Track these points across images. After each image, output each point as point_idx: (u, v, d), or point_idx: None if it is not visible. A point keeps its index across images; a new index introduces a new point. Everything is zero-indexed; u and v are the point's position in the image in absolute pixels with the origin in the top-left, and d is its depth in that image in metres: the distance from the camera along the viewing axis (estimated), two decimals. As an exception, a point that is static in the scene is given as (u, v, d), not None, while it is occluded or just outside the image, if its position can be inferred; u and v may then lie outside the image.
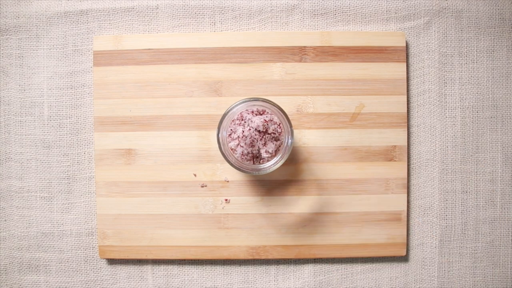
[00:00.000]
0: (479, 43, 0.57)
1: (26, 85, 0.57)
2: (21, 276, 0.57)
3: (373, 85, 0.55)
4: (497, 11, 0.57)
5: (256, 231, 0.56)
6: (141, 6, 0.57)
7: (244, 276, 0.57)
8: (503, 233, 0.57)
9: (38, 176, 0.57)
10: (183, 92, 0.55)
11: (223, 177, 0.56)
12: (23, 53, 0.57)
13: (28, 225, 0.57)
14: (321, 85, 0.55)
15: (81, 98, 0.57)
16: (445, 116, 0.57)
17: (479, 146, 0.57)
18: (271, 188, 0.56)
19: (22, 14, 0.57)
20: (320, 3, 0.57)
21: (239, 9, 0.57)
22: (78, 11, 0.57)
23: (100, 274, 0.57)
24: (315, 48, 0.55)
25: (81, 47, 0.57)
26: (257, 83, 0.55)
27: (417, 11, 0.57)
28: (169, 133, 0.56)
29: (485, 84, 0.57)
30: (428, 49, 0.57)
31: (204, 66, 0.55)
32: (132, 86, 0.55)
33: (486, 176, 0.57)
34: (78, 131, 0.57)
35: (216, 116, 0.55)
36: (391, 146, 0.56)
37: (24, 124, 0.57)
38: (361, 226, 0.56)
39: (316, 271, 0.57)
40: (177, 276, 0.57)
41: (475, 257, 0.57)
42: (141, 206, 0.56)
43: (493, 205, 0.57)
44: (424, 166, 0.57)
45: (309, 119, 0.56)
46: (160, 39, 0.55)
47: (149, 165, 0.56)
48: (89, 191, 0.57)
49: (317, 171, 0.56)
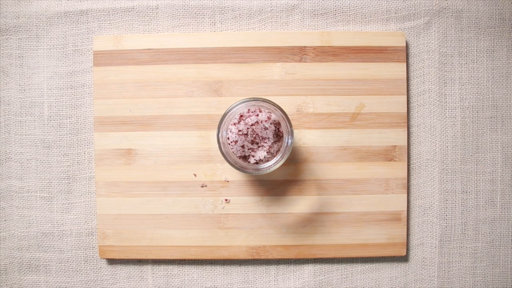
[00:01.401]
0: (479, 43, 0.57)
1: (26, 85, 0.57)
2: (21, 276, 0.57)
3: (373, 85, 0.55)
4: (497, 11, 0.57)
5: (256, 231, 0.56)
6: (141, 6, 0.57)
7: (244, 276, 0.57)
8: (503, 233, 0.57)
9: (38, 176, 0.57)
10: (183, 92, 0.55)
11: (223, 177, 0.56)
12: (23, 53, 0.57)
13: (28, 225, 0.57)
14: (321, 85, 0.55)
15: (81, 98, 0.57)
16: (445, 116, 0.57)
17: (479, 146, 0.57)
18: (271, 188, 0.56)
19: (22, 14, 0.57)
20: (320, 3, 0.57)
21: (239, 9, 0.57)
22: (78, 11, 0.57)
23: (100, 274, 0.57)
24: (315, 48, 0.55)
25: (81, 47, 0.57)
26: (257, 83, 0.55)
27: (417, 11, 0.57)
28: (169, 133, 0.56)
29: (485, 84, 0.57)
30: (428, 49, 0.57)
31: (204, 66, 0.55)
32: (132, 86, 0.55)
33: (486, 176, 0.57)
34: (78, 131, 0.57)
35: (216, 116, 0.55)
36: (391, 146, 0.56)
37: (24, 124, 0.57)
38: (361, 226, 0.56)
39: (316, 271, 0.57)
40: (177, 276, 0.57)
41: (475, 257, 0.57)
42: (141, 206, 0.56)
43: (493, 205, 0.57)
44: (424, 166, 0.57)
45: (309, 119, 0.56)
46: (160, 39, 0.55)
47: (149, 165, 0.56)
48: (89, 191, 0.57)
49: (317, 171, 0.56)
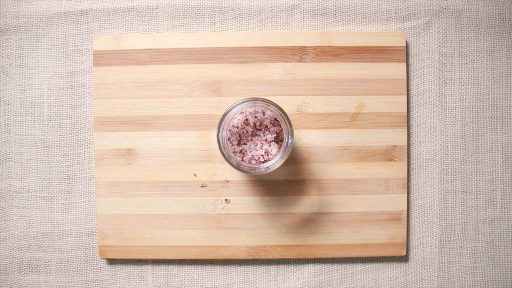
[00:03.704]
0: (479, 43, 0.57)
1: (26, 85, 0.57)
2: (21, 276, 0.57)
3: (373, 85, 0.55)
4: (497, 11, 0.57)
5: (256, 231, 0.56)
6: (141, 6, 0.57)
7: (244, 276, 0.57)
8: (503, 233, 0.57)
9: (38, 176, 0.57)
10: (183, 92, 0.55)
11: (223, 177, 0.56)
12: (23, 53, 0.57)
13: (28, 225, 0.57)
14: (321, 85, 0.55)
15: (81, 98, 0.57)
16: (445, 116, 0.57)
17: (479, 146, 0.57)
18: (271, 188, 0.56)
19: (22, 14, 0.57)
20: (320, 3, 0.57)
21: (239, 9, 0.57)
22: (78, 11, 0.57)
23: (100, 274, 0.57)
24: (315, 48, 0.55)
25: (81, 47, 0.57)
26: (257, 83, 0.55)
27: (417, 11, 0.57)
28: (169, 133, 0.56)
29: (485, 84, 0.57)
30: (428, 49, 0.57)
31: (204, 66, 0.55)
32: (132, 86, 0.55)
33: (486, 176, 0.57)
34: (78, 131, 0.57)
35: (216, 116, 0.55)
36: (391, 146, 0.56)
37: (24, 124, 0.57)
38: (361, 226, 0.56)
39: (316, 271, 0.57)
40: (177, 276, 0.57)
41: (475, 257, 0.57)
42: (141, 206, 0.56)
43: (493, 205, 0.57)
44: (424, 166, 0.57)
45: (309, 119, 0.56)
46: (160, 39, 0.55)
47: (149, 165, 0.56)
48: (89, 191, 0.57)
49: (317, 171, 0.56)
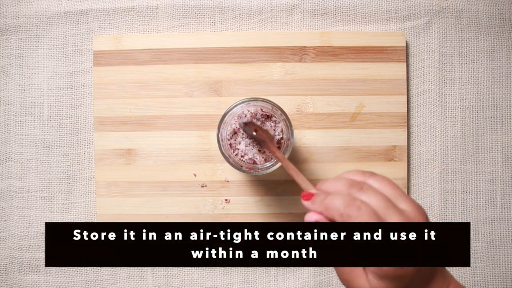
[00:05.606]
0: (479, 43, 0.57)
1: (26, 85, 0.57)
2: (21, 276, 0.57)
3: (373, 85, 0.55)
4: (497, 11, 0.57)
5: (256, 231, 0.56)
6: (141, 6, 0.56)
7: (244, 276, 0.57)
8: (503, 233, 0.57)
9: (38, 176, 0.57)
10: (183, 92, 0.55)
11: (223, 177, 0.56)
12: (23, 53, 0.57)
13: (28, 225, 0.57)
14: (321, 85, 0.55)
15: (81, 98, 0.57)
16: (445, 116, 0.57)
17: (479, 146, 0.57)
18: (271, 188, 0.56)
19: (22, 14, 0.57)
20: (320, 3, 0.57)
21: (239, 9, 0.57)
22: (78, 11, 0.57)
23: (100, 274, 0.57)
24: (315, 48, 0.55)
25: (81, 47, 0.57)
26: (257, 83, 0.55)
27: (417, 11, 0.57)
28: (169, 133, 0.56)
29: (485, 84, 0.57)
30: (428, 49, 0.57)
31: (204, 66, 0.55)
32: (132, 86, 0.55)
33: (486, 176, 0.57)
34: (78, 131, 0.57)
35: (216, 116, 0.55)
36: (391, 146, 0.56)
37: (24, 124, 0.57)
38: (361, 226, 0.56)
39: (316, 271, 0.57)
40: (177, 276, 0.57)
41: (475, 257, 0.57)
42: (141, 206, 0.56)
43: (493, 205, 0.57)
44: (424, 166, 0.57)
45: (309, 119, 0.56)
46: (160, 39, 0.55)
47: (149, 165, 0.56)
48: (89, 191, 0.57)
49: (317, 171, 0.55)
